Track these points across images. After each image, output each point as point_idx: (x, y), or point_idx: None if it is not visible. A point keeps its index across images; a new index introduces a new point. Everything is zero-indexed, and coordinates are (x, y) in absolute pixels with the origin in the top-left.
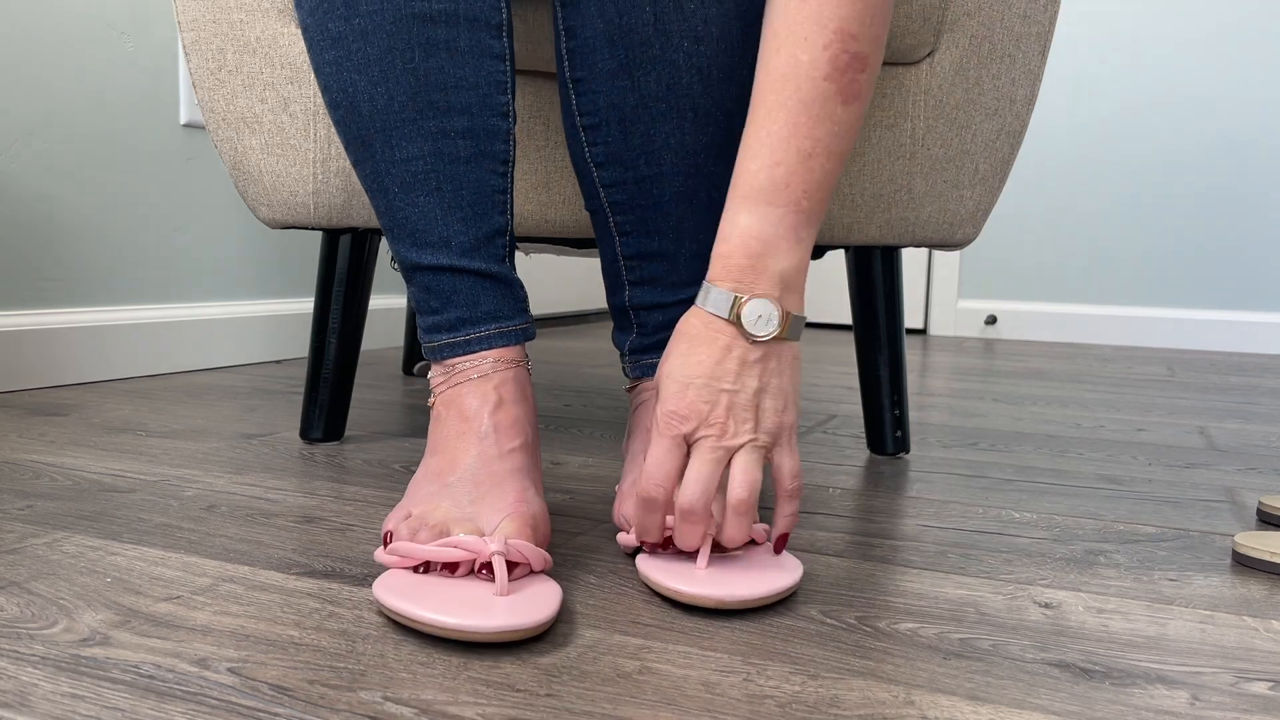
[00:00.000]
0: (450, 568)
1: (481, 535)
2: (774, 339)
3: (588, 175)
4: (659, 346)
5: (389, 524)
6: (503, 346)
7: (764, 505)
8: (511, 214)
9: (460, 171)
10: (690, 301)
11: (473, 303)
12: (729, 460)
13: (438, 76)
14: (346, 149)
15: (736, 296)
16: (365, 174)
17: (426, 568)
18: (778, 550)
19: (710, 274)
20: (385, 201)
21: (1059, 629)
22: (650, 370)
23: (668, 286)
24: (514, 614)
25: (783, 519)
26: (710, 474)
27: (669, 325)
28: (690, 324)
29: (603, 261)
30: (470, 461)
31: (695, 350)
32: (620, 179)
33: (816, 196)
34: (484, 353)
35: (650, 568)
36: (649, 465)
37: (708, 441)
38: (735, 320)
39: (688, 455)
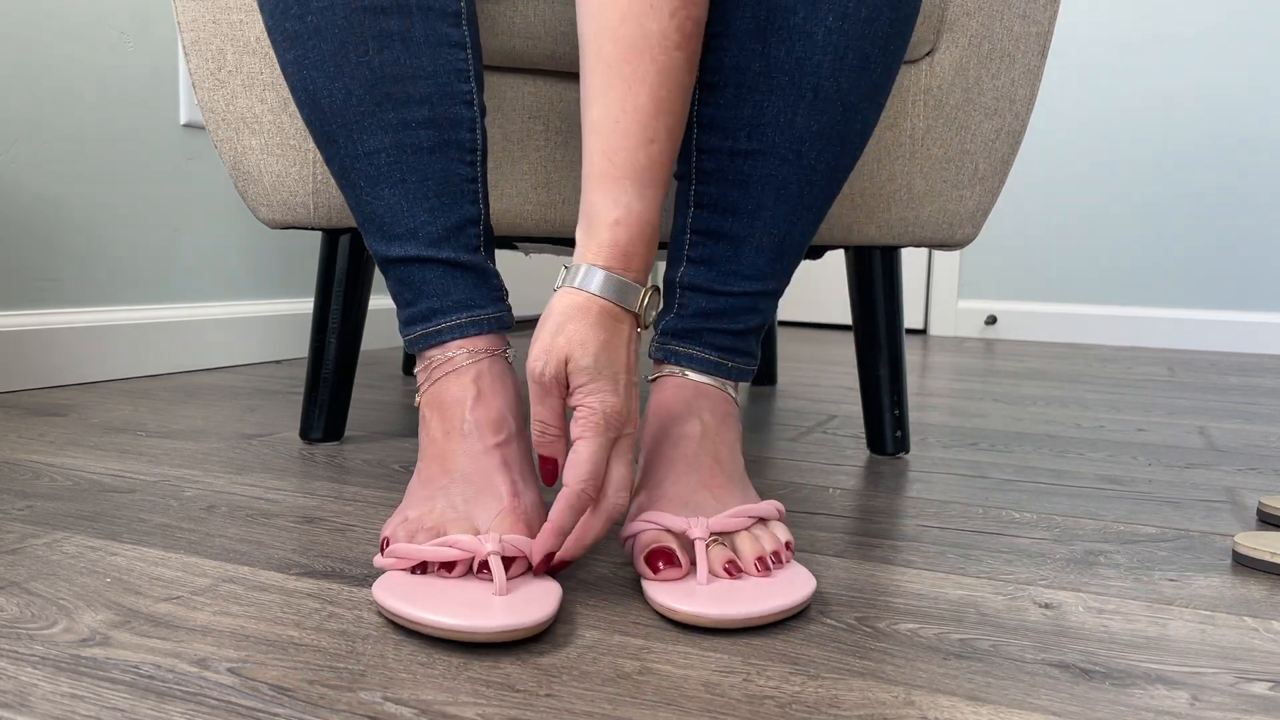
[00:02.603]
0: (447, 567)
1: (477, 534)
2: None
3: (689, 135)
4: (689, 333)
5: (386, 530)
6: (475, 335)
7: (795, 511)
8: (485, 204)
9: (424, 162)
10: (741, 295)
11: (443, 292)
12: None
13: (393, 68)
14: (317, 147)
15: (641, 288)
16: (335, 170)
17: (424, 569)
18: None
19: (605, 257)
20: (354, 196)
21: (1059, 629)
22: (670, 356)
23: (723, 274)
24: (513, 613)
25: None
26: (630, 467)
27: (708, 314)
28: (592, 312)
29: (671, 234)
30: (458, 462)
31: (613, 344)
32: (717, 146)
33: (672, 171)
34: (458, 342)
35: (656, 591)
36: (584, 459)
37: (627, 441)
38: (639, 311)
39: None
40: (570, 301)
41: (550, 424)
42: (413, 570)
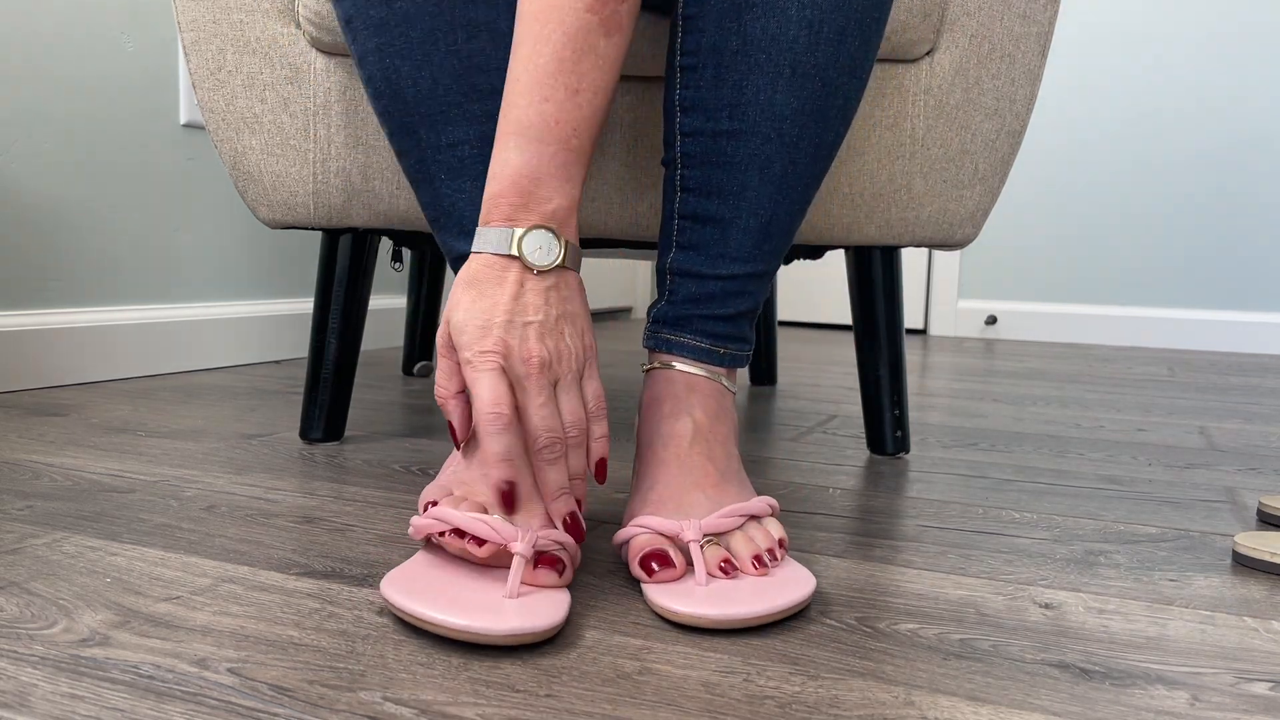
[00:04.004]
0: (477, 543)
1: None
2: (558, 268)
3: (671, 120)
4: (680, 320)
5: (429, 495)
6: None
7: (795, 511)
8: None
9: None
10: (730, 278)
11: None
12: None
13: (480, 59)
14: (391, 140)
15: (514, 230)
16: (411, 164)
17: (460, 536)
18: (600, 478)
19: (481, 218)
20: (431, 191)
21: (1059, 629)
22: (662, 344)
23: (711, 257)
24: (525, 617)
25: (595, 443)
26: (552, 407)
27: (698, 299)
28: (469, 271)
29: (662, 221)
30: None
31: (486, 294)
32: (699, 128)
33: (585, 134)
34: None
35: (655, 592)
36: (481, 392)
37: (534, 378)
38: (517, 254)
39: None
40: (461, 271)
41: (441, 384)
42: (443, 535)
